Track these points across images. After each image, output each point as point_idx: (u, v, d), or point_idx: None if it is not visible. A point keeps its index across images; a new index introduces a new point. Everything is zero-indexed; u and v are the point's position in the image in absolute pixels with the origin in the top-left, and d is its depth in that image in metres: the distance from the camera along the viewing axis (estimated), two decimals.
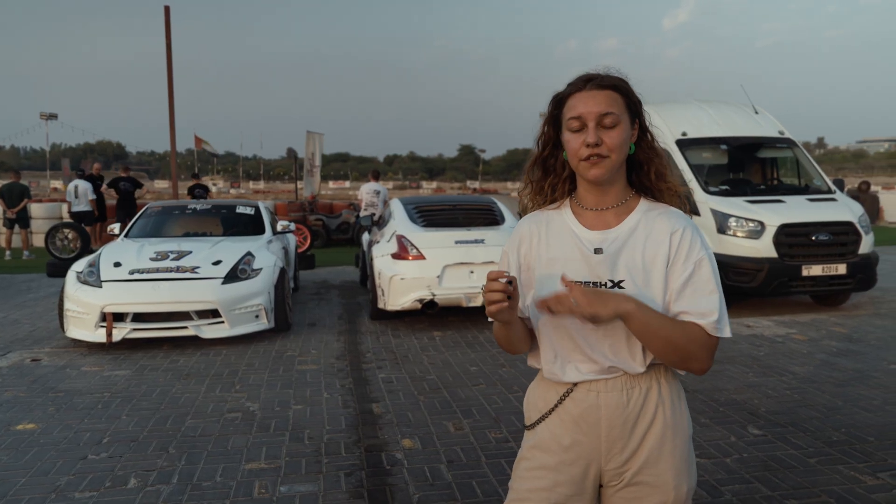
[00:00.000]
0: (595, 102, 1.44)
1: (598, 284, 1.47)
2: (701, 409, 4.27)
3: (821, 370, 5.13)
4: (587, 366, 1.49)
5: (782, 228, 7.08)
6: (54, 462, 3.55)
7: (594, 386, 1.50)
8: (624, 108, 1.46)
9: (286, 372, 5.23)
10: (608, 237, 1.49)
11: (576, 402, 1.51)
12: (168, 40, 11.69)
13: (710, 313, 1.43)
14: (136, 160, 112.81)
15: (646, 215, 1.51)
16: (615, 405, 1.48)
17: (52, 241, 11.61)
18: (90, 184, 14.13)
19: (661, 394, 1.50)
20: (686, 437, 1.54)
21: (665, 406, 1.50)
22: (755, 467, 3.40)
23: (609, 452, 1.50)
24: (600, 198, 1.52)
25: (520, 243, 1.59)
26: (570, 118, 1.46)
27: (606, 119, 1.43)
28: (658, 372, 1.52)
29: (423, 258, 6.58)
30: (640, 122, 1.52)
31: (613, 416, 1.48)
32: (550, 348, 1.53)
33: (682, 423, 1.53)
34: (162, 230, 7.62)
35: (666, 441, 1.50)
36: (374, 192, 12.50)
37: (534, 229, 1.58)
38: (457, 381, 4.92)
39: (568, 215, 1.56)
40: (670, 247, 1.46)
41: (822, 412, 4.19)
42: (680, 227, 1.48)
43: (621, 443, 1.50)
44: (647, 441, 1.50)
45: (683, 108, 8.81)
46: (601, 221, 1.52)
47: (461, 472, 3.37)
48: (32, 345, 6.17)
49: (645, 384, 1.50)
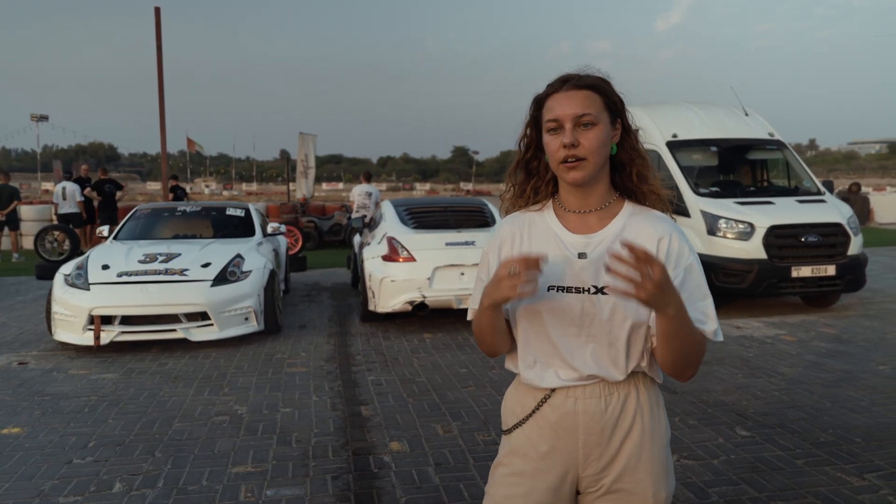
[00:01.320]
0: (571, 103, 1.42)
1: (580, 290, 1.45)
2: (689, 410, 4.28)
3: (809, 371, 5.15)
4: (566, 372, 1.48)
5: (772, 230, 7.11)
6: (39, 466, 3.52)
7: (572, 392, 1.48)
8: (602, 108, 1.45)
9: (275, 374, 5.21)
10: (592, 241, 1.48)
11: (553, 408, 1.50)
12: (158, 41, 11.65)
13: (708, 319, 1.43)
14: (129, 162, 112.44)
15: (630, 219, 1.49)
16: (593, 412, 1.47)
17: (41, 243, 11.55)
18: (78, 186, 14.07)
19: (639, 400, 1.50)
20: (664, 443, 1.53)
21: (643, 413, 1.50)
22: (742, 469, 3.40)
23: (587, 459, 1.49)
24: (583, 200, 1.50)
25: (501, 245, 1.57)
26: (547, 120, 1.46)
27: (583, 119, 1.42)
28: (636, 379, 1.50)
29: (414, 260, 6.57)
30: (622, 122, 1.50)
31: (591, 422, 1.47)
32: (530, 353, 1.52)
33: (661, 429, 1.53)
34: (151, 232, 7.58)
35: (644, 448, 1.49)
36: (366, 194, 12.47)
37: (515, 231, 1.56)
38: (446, 384, 4.92)
39: (551, 217, 1.54)
40: (657, 252, 1.45)
41: (809, 413, 4.20)
42: (666, 232, 1.47)
43: (599, 450, 1.48)
44: (626, 448, 1.49)
45: (674, 110, 8.83)
46: (584, 225, 1.50)
47: (449, 475, 3.37)
48: (20, 348, 6.13)
49: (623, 391, 1.49)
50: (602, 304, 1.44)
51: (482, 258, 1.62)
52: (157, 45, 11.68)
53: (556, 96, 1.45)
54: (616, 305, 1.44)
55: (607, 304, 1.44)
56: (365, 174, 13.34)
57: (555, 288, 1.46)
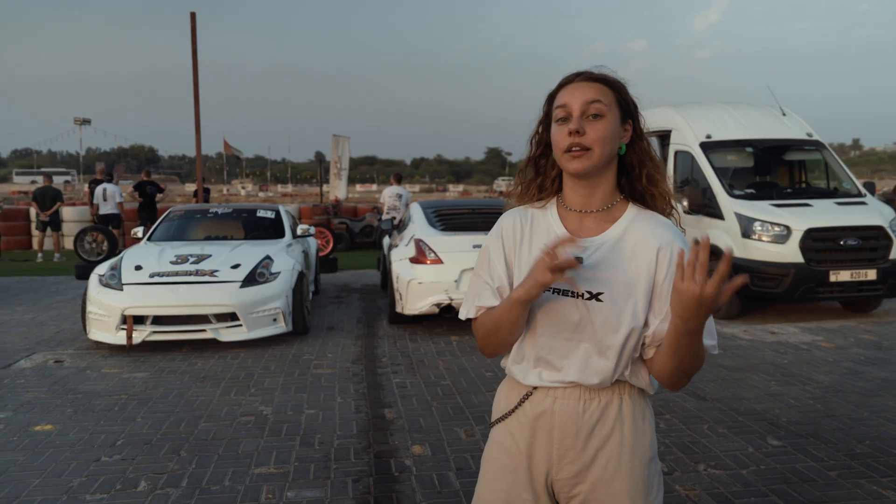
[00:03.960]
0: (581, 92, 1.41)
1: (575, 294, 1.42)
2: (718, 418, 4.17)
3: (847, 379, 4.99)
4: (550, 374, 1.46)
5: (809, 233, 6.91)
6: (68, 463, 3.59)
7: (552, 392, 1.47)
8: (613, 102, 1.42)
9: (301, 376, 5.24)
10: (591, 245, 1.44)
11: (533, 404, 1.49)
12: (194, 45, 11.83)
13: (710, 335, 1.38)
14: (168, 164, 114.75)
15: (632, 224, 1.46)
16: (570, 413, 1.45)
17: (80, 243, 11.83)
18: (118, 187, 14.42)
19: (621, 411, 1.46)
20: (647, 458, 1.48)
21: (624, 424, 1.45)
22: (772, 480, 3.30)
23: (560, 461, 1.47)
24: (586, 199, 1.47)
25: (503, 238, 1.53)
26: (556, 108, 1.43)
27: (592, 107, 1.39)
28: (622, 389, 1.46)
29: (441, 262, 6.55)
30: (634, 125, 1.47)
31: (567, 423, 1.45)
32: (519, 349, 1.50)
33: (644, 443, 1.48)
34: (184, 234, 7.71)
35: (623, 461, 1.45)
36: (397, 196, 12.50)
37: (517, 226, 1.52)
38: (471, 387, 4.88)
39: (553, 216, 1.51)
40: (657, 264, 1.41)
41: (845, 423, 4.06)
42: (667, 242, 1.42)
43: (573, 453, 1.46)
44: (601, 457, 1.45)
45: (707, 110, 8.67)
46: (585, 227, 1.47)
47: (470, 480, 3.33)
48: (56, 346, 6.28)
49: (605, 398, 1.45)
50: (596, 310, 1.40)
51: (481, 252, 1.57)
52: (193, 49, 11.87)
53: (567, 87, 1.44)
54: (609, 313, 1.40)
55: (601, 312, 1.40)
56: (395, 176, 13.39)
57: (551, 289, 1.43)
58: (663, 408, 4.36)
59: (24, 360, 5.76)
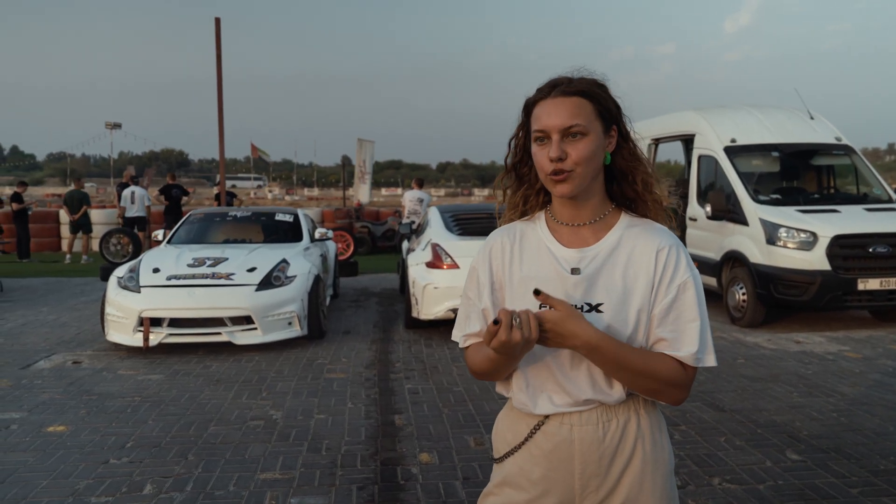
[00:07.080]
0: (558, 113, 1.33)
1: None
2: (736, 430, 4.05)
3: (873, 391, 4.81)
4: (561, 397, 1.37)
5: (836, 239, 6.71)
6: (77, 465, 3.60)
7: (567, 419, 1.37)
8: (594, 116, 1.35)
9: (314, 380, 5.22)
10: (586, 256, 1.38)
11: (547, 436, 1.39)
12: (218, 51, 11.95)
13: (690, 344, 1.32)
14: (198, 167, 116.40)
15: (627, 232, 1.39)
16: (590, 440, 1.36)
17: (106, 245, 12.01)
18: (146, 191, 14.63)
19: (640, 426, 1.38)
20: (667, 471, 1.41)
21: (645, 440, 1.38)
22: (790, 496, 3.18)
23: (584, 490, 1.38)
24: (576, 212, 1.41)
25: (491, 259, 1.47)
26: (534, 129, 1.37)
27: (572, 129, 1.32)
28: (637, 403, 1.39)
29: (458, 267, 6.49)
30: (619, 129, 1.40)
31: (588, 451, 1.36)
32: (522, 375, 1.41)
33: (663, 457, 1.41)
34: (203, 237, 7.76)
35: (646, 478, 1.38)
36: (418, 200, 12.50)
37: (506, 244, 1.46)
38: (483, 394, 4.82)
39: (543, 230, 1.44)
40: (655, 266, 1.35)
41: (870, 438, 3.91)
42: (666, 245, 1.37)
43: (597, 480, 1.37)
44: (626, 478, 1.37)
45: (732, 114, 8.49)
46: (578, 238, 1.40)
47: (475, 490, 3.26)
48: (76, 347, 6.35)
49: (623, 416, 1.37)
50: (597, 322, 1.34)
51: (469, 273, 1.50)
52: (217, 54, 12.00)
53: (543, 104, 1.36)
54: (612, 323, 1.34)
55: (601, 323, 1.34)
56: (417, 180, 13.38)
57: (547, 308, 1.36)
58: (679, 419, 4.24)
59: (43, 361, 5.83)
